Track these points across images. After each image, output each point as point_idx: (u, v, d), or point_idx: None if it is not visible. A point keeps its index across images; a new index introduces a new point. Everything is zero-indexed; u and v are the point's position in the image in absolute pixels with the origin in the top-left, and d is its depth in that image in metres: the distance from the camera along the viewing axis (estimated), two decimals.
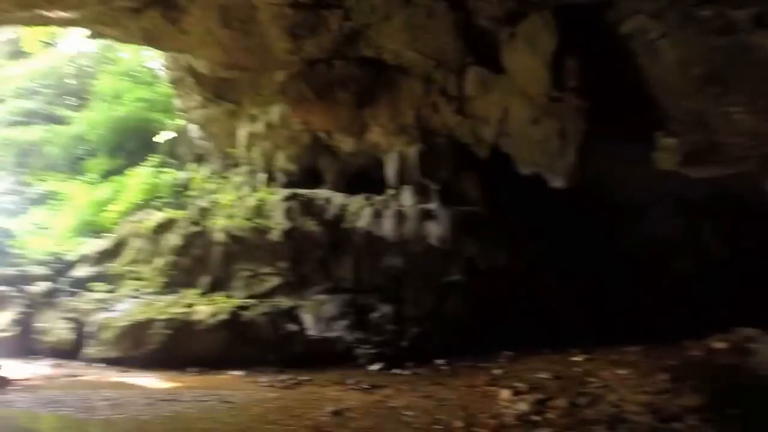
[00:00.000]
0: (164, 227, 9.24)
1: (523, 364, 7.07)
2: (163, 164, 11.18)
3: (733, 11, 4.06)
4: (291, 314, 7.97)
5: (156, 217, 9.46)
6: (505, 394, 5.36)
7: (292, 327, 7.83)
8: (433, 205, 8.53)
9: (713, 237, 8.92)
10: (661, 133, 5.04)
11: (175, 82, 10.20)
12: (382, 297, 8.19)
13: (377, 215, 8.38)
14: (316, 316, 7.92)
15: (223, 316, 7.52)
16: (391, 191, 8.79)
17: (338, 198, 8.89)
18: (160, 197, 10.21)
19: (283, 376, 6.79)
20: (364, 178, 9.57)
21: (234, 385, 6.49)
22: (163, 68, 11.51)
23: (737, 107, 4.22)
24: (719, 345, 7.31)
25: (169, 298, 8.25)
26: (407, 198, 8.69)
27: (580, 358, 7.18)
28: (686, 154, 4.92)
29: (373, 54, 7.30)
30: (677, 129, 4.92)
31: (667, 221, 9.09)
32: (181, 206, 9.83)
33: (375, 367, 7.33)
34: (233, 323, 7.51)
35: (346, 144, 8.97)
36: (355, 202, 8.77)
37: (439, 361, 7.58)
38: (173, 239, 9.00)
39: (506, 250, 8.67)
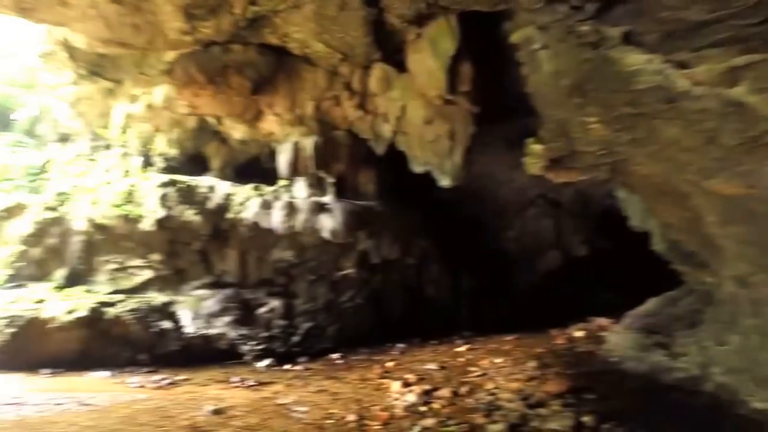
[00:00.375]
0: (12, 213, 7.86)
1: (414, 356, 7.26)
2: (19, 144, 9.59)
3: (609, 28, 4.31)
4: (165, 311, 7.26)
5: (2, 201, 8.02)
6: (395, 386, 5.45)
7: (167, 324, 7.14)
8: (327, 198, 8.40)
9: (575, 236, 10.06)
10: (531, 139, 5.40)
11: (45, 56, 8.77)
12: (270, 291, 7.86)
13: (266, 206, 7.96)
14: (194, 312, 7.31)
15: (82, 313, 6.64)
16: (283, 182, 8.46)
17: (223, 186, 8.27)
18: (11, 180, 8.71)
19: (156, 377, 6.19)
20: (254, 168, 9.10)
21: (96, 387, 5.71)
22: (31, 40, 9.86)
23: (592, 117, 4.47)
24: (579, 334, 8.23)
25: (16, 293, 7.02)
26: (300, 190, 8.45)
27: (464, 348, 7.57)
28: (550, 160, 5.24)
29: (278, 42, 6.94)
30: (545, 136, 5.23)
31: (539, 221, 10.07)
32: (36, 190, 8.47)
33: (263, 363, 6.99)
34: (94, 321, 6.69)
35: (237, 131, 8.44)
36: (243, 191, 8.24)
37: (334, 356, 7.49)
38: (22, 227, 7.69)
39: (399, 245, 8.88)
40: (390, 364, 6.77)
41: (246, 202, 8.09)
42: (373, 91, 7.44)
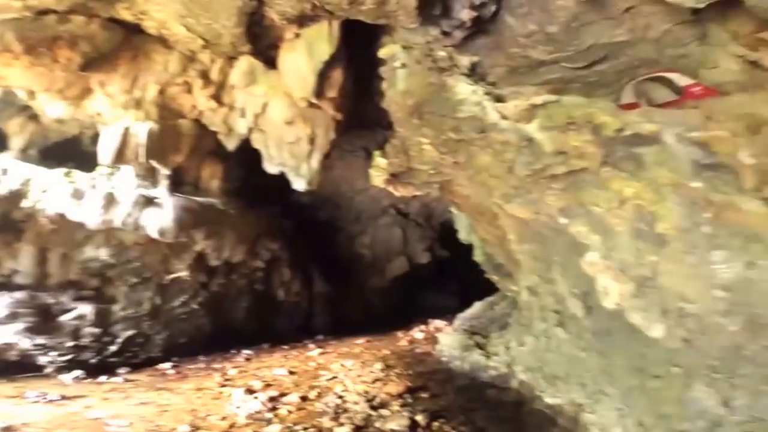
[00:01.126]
0: None
1: (262, 362, 7.01)
2: None
3: (460, 56, 4.69)
4: None
5: None
6: (238, 393, 5.18)
7: None
8: (158, 192, 7.33)
9: (420, 244, 10.85)
10: (378, 152, 5.67)
11: None
12: (78, 295, 6.68)
13: (78, 196, 6.72)
14: None
15: None
16: (104, 170, 7.26)
17: (20, 169, 6.88)
18: None
19: None
20: (70, 150, 7.71)
21: None
22: None
23: (426, 139, 4.79)
24: (419, 335, 8.86)
25: None
26: (125, 180, 7.26)
27: (316, 352, 7.59)
28: (391, 174, 5.52)
29: (132, 19, 6.08)
30: (389, 151, 5.50)
31: (390, 229, 10.65)
32: None
33: (70, 376, 5.96)
34: None
35: (54, 108, 7.10)
36: (48, 177, 6.89)
37: (164, 365, 6.80)
38: None
39: (245, 247, 8.45)
40: (232, 371, 6.42)
41: (50, 189, 6.73)
42: (233, 83, 7.00)
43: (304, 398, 5.16)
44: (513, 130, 4.15)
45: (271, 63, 6.78)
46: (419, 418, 4.53)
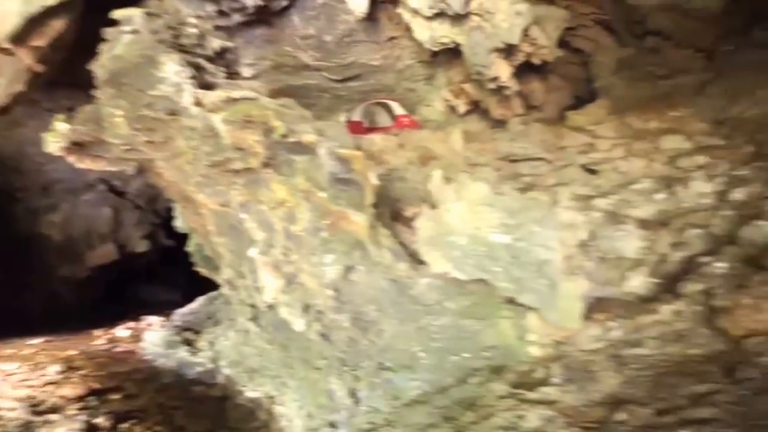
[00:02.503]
0: None
1: None
2: None
3: (215, 38, 4.76)
4: None
5: None
6: None
7: None
8: None
9: (137, 230, 9.55)
10: (62, 116, 4.85)
11: None
12: None
13: None
14: None
15: None
16: None
17: None
18: None
19: None
20: None
21: None
22: None
23: (119, 111, 4.42)
24: (124, 333, 7.88)
25: None
26: None
27: None
28: (75, 142, 4.85)
29: None
30: (78, 117, 4.86)
31: (96, 208, 8.98)
32: None
33: None
34: None
35: None
36: None
37: None
38: None
39: None
40: None
41: None
42: None
43: None
44: (201, 118, 4.13)
45: None
46: (100, 420, 4.21)
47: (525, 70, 7.51)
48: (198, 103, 4.19)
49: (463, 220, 4.20)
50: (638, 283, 3.78)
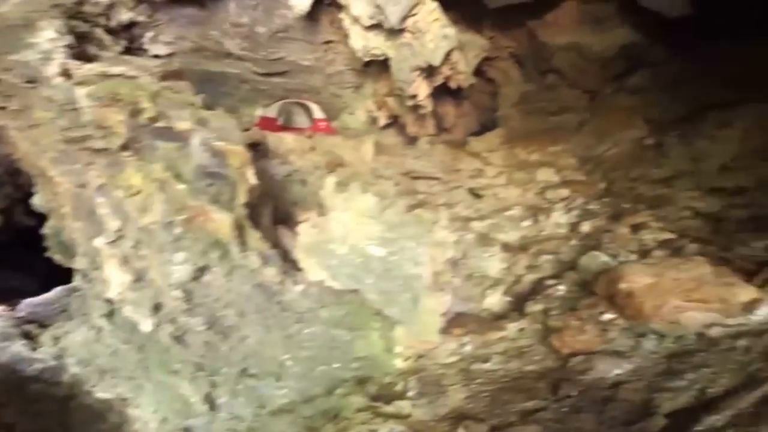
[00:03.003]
0: None
1: None
2: None
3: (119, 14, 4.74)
4: None
5: None
6: None
7: None
8: None
9: None
10: None
11: None
12: None
13: None
14: None
15: None
16: None
17: None
18: None
19: None
20: None
21: None
22: None
23: None
24: None
25: None
26: None
27: None
28: None
29: None
30: None
31: None
32: None
33: None
34: None
35: None
36: None
37: None
38: None
39: None
40: None
41: None
42: None
43: None
44: (63, 90, 3.74)
45: None
46: None
47: (442, 92, 7.88)
48: (65, 74, 3.77)
49: (346, 229, 4.27)
50: (495, 300, 4.12)
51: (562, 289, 3.93)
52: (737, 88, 5.56)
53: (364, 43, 6.98)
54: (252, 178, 3.90)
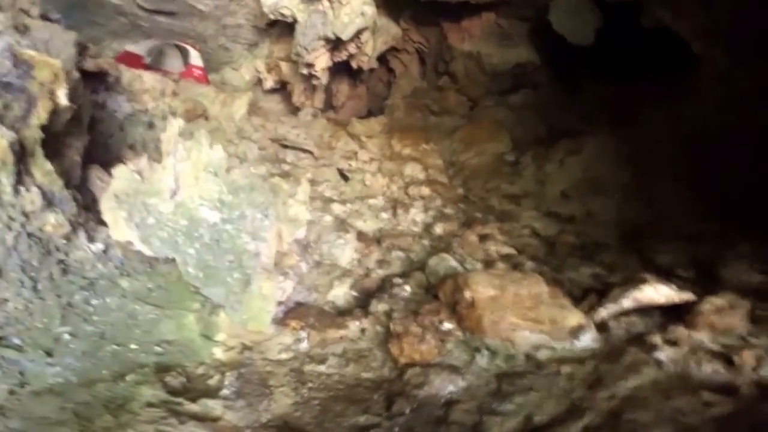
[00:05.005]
0: None
1: None
2: None
3: None
4: None
5: None
6: None
7: None
8: None
9: None
10: None
11: None
12: None
13: None
14: None
15: None
16: None
17: None
18: None
19: None
20: None
21: None
22: None
23: None
24: None
25: None
26: None
27: None
28: None
29: None
30: None
31: None
32: None
33: None
34: None
35: None
36: None
37: None
38: None
39: None
40: None
41: None
42: None
43: None
44: None
45: None
46: None
47: (341, 70, 7.60)
48: None
49: (178, 183, 3.44)
50: (341, 293, 3.76)
51: (407, 290, 3.74)
52: (593, 119, 6.05)
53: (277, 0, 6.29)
54: (62, 99, 2.84)
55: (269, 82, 7.84)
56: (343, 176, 5.90)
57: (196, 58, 8.16)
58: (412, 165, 6.33)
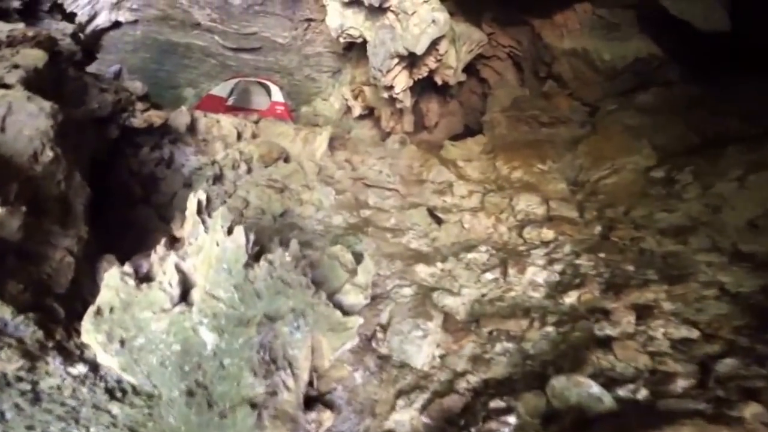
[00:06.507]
0: None
1: None
2: None
3: None
4: None
5: None
6: None
7: None
8: None
9: None
10: None
11: None
12: None
13: None
14: None
15: None
16: None
17: None
18: None
19: None
20: None
21: None
22: None
23: None
24: None
25: None
26: None
27: None
28: None
29: None
30: None
31: None
32: None
33: None
34: None
35: None
36: None
37: None
38: None
39: None
40: None
41: None
42: None
43: None
44: None
45: None
46: None
47: (428, 87, 6.94)
48: None
49: (183, 284, 2.62)
50: (406, 418, 2.55)
51: (511, 423, 2.36)
52: (759, 122, 4.43)
53: (341, 21, 5.83)
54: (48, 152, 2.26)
55: (357, 109, 7.26)
56: (435, 218, 4.69)
57: (277, 93, 7.88)
58: (526, 195, 4.86)
